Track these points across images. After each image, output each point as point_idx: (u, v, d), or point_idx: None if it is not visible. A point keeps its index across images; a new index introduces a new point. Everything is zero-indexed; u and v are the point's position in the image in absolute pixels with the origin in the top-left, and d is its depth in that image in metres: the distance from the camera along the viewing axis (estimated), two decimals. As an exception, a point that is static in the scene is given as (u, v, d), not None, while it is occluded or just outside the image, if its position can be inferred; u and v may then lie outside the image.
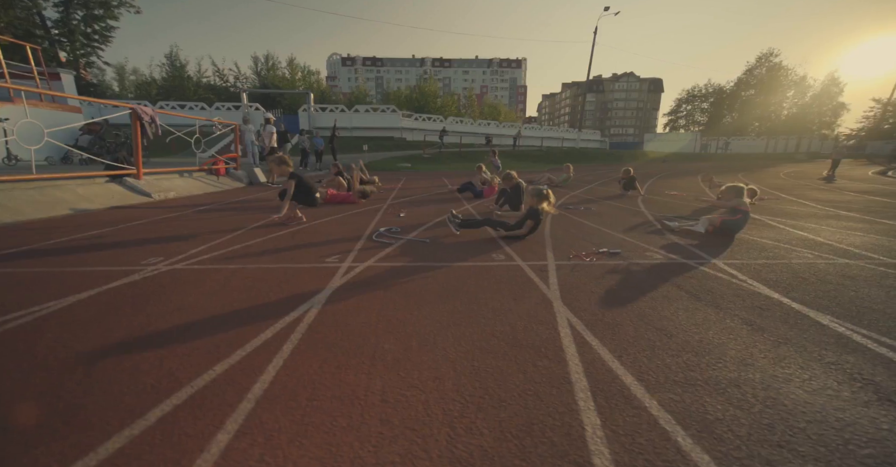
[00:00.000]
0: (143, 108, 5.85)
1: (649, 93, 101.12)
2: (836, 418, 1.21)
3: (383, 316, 1.89)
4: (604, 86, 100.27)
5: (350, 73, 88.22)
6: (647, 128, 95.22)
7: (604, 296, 2.22)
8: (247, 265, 2.68)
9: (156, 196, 5.77)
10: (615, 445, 1.07)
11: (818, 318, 1.94)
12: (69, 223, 4.20)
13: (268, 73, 37.96)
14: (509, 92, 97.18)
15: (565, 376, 1.40)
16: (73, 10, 29.90)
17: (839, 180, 11.34)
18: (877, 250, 3.30)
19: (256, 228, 4.04)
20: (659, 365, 1.49)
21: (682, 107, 58.86)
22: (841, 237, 3.83)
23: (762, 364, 1.51)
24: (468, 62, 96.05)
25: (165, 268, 2.57)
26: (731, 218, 3.84)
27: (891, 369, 1.49)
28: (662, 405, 1.25)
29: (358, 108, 27.09)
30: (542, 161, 22.45)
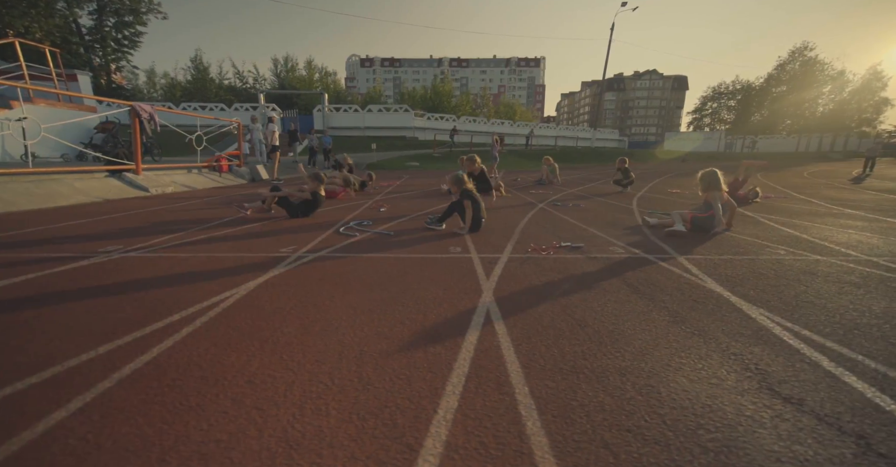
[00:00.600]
0: (142, 105, 6.12)
1: (673, 90, 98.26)
2: (702, 405, 1.16)
3: (302, 302, 1.91)
4: (625, 84, 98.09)
5: (368, 74, 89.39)
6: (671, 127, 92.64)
7: (540, 287, 2.18)
8: (199, 253, 2.77)
9: (153, 190, 6.01)
10: (457, 428, 1.06)
11: (749, 312, 1.85)
12: (54, 214, 4.42)
13: (287, 74, 38.91)
14: (527, 91, 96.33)
15: (449, 362, 1.39)
16: (106, 18, 31.45)
17: (872, 180, 10.69)
18: (857, 247, 3.12)
19: (232, 221, 4.16)
20: (554, 353, 1.46)
21: (707, 104, 56.87)
22: (828, 234, 3.63)
23: (661, 354, 1.46)
24: (485, 62, 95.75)
25: (118, 256, 2.68)
26: (701, 214, 3.67)
27: (790, 360, 1.41)
28: (532, 391, 1.22)
29: (371, 107, 27.43)
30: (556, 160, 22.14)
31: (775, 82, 47.53)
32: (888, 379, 1.30)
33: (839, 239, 3.45)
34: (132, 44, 32.30)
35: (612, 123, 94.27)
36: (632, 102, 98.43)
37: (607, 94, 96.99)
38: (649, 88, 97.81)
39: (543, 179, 9.17)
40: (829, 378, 1.32)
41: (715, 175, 3.73)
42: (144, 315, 1.73)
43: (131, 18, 31.78)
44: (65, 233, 3.51)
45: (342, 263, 2.62)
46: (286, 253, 2.86)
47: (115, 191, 5.64)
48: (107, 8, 30.95)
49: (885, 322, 1.74)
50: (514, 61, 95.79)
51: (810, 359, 1.43)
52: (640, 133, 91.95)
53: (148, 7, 32.03)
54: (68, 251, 2.84)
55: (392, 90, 78.20)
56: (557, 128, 37.55)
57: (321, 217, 4.48)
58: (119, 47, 32.14)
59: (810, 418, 1.11)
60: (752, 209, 5.33)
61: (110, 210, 4.79)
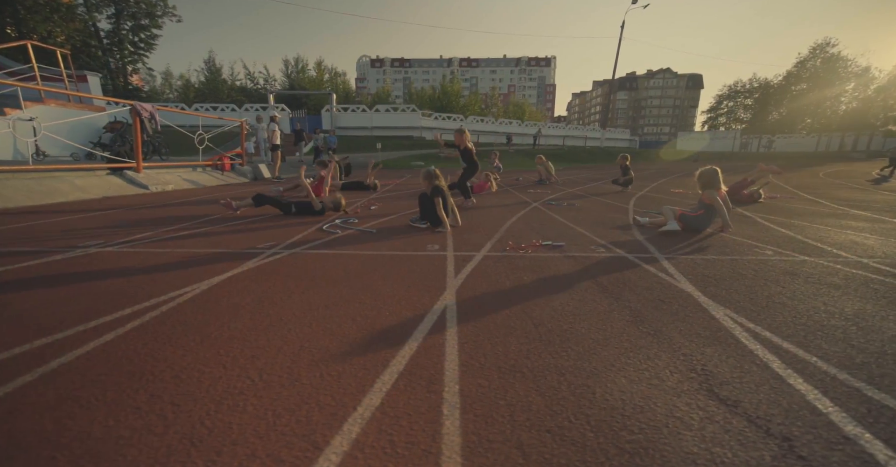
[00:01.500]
0: (143, 104, 6.25)
1: (687, 89, 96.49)
2: (633, 406, 1.13)
3: (259, 298, 1.92)
4: (637, 83, 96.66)
5: (379, 75, 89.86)
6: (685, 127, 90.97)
7: (506, 286, 2.16)
8: (175, 249, 2.81)
9: (153, 188, 6.14)
10: (371, 426, 1.04)
11: (714, 312, 1.80)
12: (49, 210, 4.53)
13: (297, 75, 39.38)
14: (537, 91, 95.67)
15: (387, 360, 1.37)
16: (123, 21, 32.29)
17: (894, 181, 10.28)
18: (850, 248, 3.01)
19: (221, 217, 4.21)
20: (498, 352, 1.44)
21: (722, 103, 55.63)
22: (823, 235, 3.51)
23: (608, 354, 1.43)
24: (495, 61, 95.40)
25: (94, 250, 2.74)
26: (692, 214, 3.57)
27: (740, 362, 1.36)
28: (462, 390, 1.20)
29: (378, 107, 27.55)
30: (562, 160, 21.97)
31: (795, 80, 46.06)
32: (835, 382, 1.25)
33: (834, 239, 3.34)
34: (148, 46, 33.08)
35: (623, 123, 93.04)
36: (644, 101, 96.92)
37: (619, 93, 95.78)
38: (663, 87, 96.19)
39: (543, 179, 9.10)
40: (775, 379, 1.27)
41: (714, 173, 3.61)
42: (96, 308, 1.75)
43: (147, 22, 32.56)
44: (51, 228, 3.59)
45: (315, 259, 2.63)
46: (262, 248, 2.88)
47: (115, 189, 5.78)
48: (124, 12, 31.79)
49: (854, 324, 1.67)
50: (524, 61, 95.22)
51: (761, 361, 1.38)
52: (653, 133, 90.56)
53: (163, 10, 32.80)
54: (47, 246, 2.90)
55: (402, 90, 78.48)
56: (566, 127, 37.19)
57: (310, 215, 4.51)
58: (135, 50, 32.96)
59: (741, 420, 1.07)
60: (752, 209, 5.19)
61: (105, 207, 4.90)
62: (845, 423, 1.06)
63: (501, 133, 29.63)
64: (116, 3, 31.19)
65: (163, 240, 3.14)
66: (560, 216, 4.60)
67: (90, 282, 2.13)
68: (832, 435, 1.02)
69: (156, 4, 32.25)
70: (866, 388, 1.22)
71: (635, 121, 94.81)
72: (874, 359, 1.39)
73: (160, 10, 32.60)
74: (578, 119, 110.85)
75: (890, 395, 1.18)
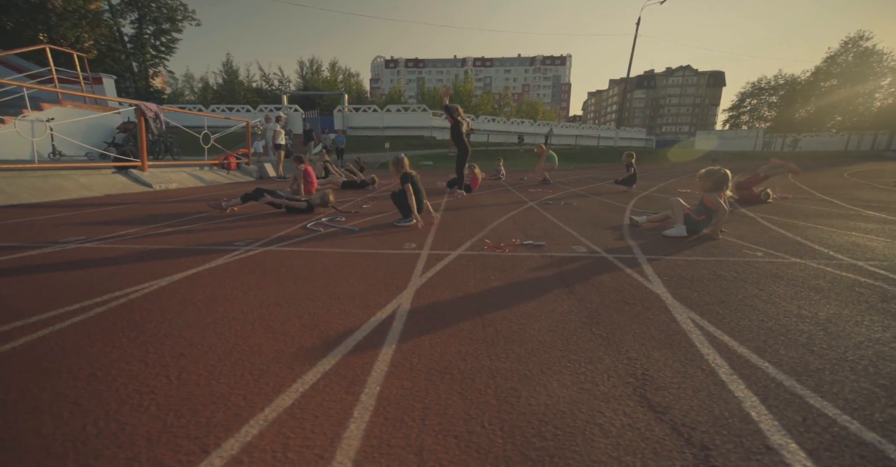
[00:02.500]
0: (148, 104, 6.43)
1: (708, 87, 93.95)
2: (556, 411, 1.08)
3: (214, 294, 1.92)
4: (656, 81, 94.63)
5: (393, 75, 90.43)
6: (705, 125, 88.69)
7: (470, 285, 2.11)
8: (152, 245, 2.86)
9: (156, 186, 6.31)
10: (272, 428, 0.99)
11: (677, 315, 1.72)
12: (48, 207, 4.67)
13: (312, 76, 40.02)
14: (552, 90, 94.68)
15: (316, 359, 1.33)
16: (146, 26, 33.36)
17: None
18: (848, 250, 2.85)
19: (211, 214, 4.28)
20: (436, 353, 1.41)
21: (745, 101, 53.82)
22: (824, 237, 3.34)
23: (550, 356, 1.38)
24: (509, 61, 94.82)
25: (73, 246, 2.81)
26: (696, 217, 3.39)
27: (686, 366, 1.30)
28: (382, 392, 1.16)
29: (390, 107, 27.72)
30: (574, 160, 21.68)
31: (824, 76, 44.18)
32: (779, 389, 1.17)
33: (834, 241, 3.17)
34: (168, 50, 34.09)
35: (640, 122, 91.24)
36: (663, 100, 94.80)
37: (636, 91, 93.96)
38: (682, 85, 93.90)
39: (548, 179, 8.99)
40: (716, 385, 1.20)
41: (724, 176, 3.36)
42: (45, 303, 1.77)
43: (168, 26, 33.58)
44: (43, 224, 3.70)
45: (287, 256, 2.64)
46: (238, 245, 2.91)
47: (119, 187, 5.95)
48: (146, 17, 32.84)
49: (823, 329, 1.57)
50: (538, 60, 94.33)
51: (708, 366, 1.31)
52: (671, 132, 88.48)
53: (183, 15, 33.78)
54: (30, 241, 2.97)
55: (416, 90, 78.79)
56: (580, 126, 36.66)
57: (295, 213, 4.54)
58: (156, 53, 34.00)
59: (664, 428, 1.01)
60: (757, 209, 4.99)
61: (103, 203, 5.05)
62: (773, 432, 0.99)
63: (513, 133, 29.43)
64: (140, 8, 32.26)
65: (145, 236, 3.21)
66: (553, 215, 4.52)
67: (50, 278, 2.16)
68: (755, 444, 0.95)
69: (176, 9, 33.22)
70: (810, 396, 1.14)
71: (653, 120, 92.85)
72: (830, 366, 1.30)
73: (180, 14, 33.58)
74: (594, 118, 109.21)
75: (832, 403, 1.10)
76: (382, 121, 26.98)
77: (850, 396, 1.14)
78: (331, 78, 39.38)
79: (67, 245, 2.84)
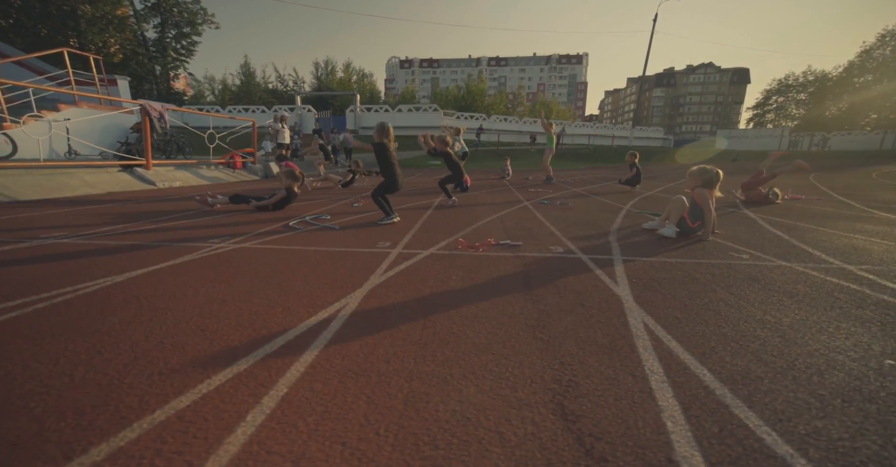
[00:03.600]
0: (152, 104, 6.60)
1: (731, 85, 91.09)
2: (463, 417, 1.03)
3: (163, 291, 1.91)
4: (676, 79, 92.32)
5: (407, 75, 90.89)
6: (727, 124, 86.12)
7: (427, 285, 2.07)
8: (129, 241, 2.91)
9: (160, 184, 6.47)
10: (152, 433, 0.96)
11: (631, 319, 1.64)
12: (47, 204, 4.80)
13: (327, 77, 40.56)
14: (568, 89, 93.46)
15: (231, 361, 1.30)
16: (168, 30, 34.43)
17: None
18: (844, 254, 2.69)
19: (200, 212, 4.35)
20: (361, 354, 1.37)
21: (771, 99, 51.87)
22: (823, 239, 3.17)
23: (479, 360, 1.32)
24: (525, 60, 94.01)
25: (49, 242, 2.87)
26: (692, 224, 3.21)
27: (618, 373, 1.23)
28: (288, 394, 1.11)
29: (401, 107, 27.84)
30: (585, 160, 21.34)
31: (858, 71, 42.11)
32: (708, 398, 1.09)
33: (831, 244, 3.00)
34: (188, 53, 35.08)
35: (660, 121, 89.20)
36: (683, 98, 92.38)
37: (655, 90, 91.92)
38: (703, 83, 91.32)
39: (551, 177, 8.86)
40: (642, 394, 1.13)
41: (716, 174, 3.23)
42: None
43: (188, 29, 34.58)
44: (32, 220, 3.79)
45: (255, 253, 2.65)
46: (214, 241, 2.94)
47: (123, 185, 6.13)
48: (168, 21, 33.89)
49: (781, 336, 1.47)
50: (554, 58, 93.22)
51: (642, 373, 1.24)
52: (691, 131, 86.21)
53: (203, 19, 34.72)
54: (8, 236, 3.03)
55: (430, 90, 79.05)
56: (594, 126, 36.02)
57: (289, 210, 4.58)
58: (177, 56, 35.05)
59: (568, 437, 0.96)
60: (762, 210, 4.78)
61: (102, 201, 5.18)
62: (682, 444, 0.92)
63: (525, 132, 29.15)
64: (162, 13, 33.31)
65: (126, 233, 3.26)
66: (543, 215, 4.43)
67: (9, 273, 2.16)
68: (657, 457, 0.89)
69: (196, 13, 34.16)
70: (738, 406, 1.06)
71: (672, 118, 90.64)
72: (772, 375, 1.21)
73: (200, 18, 34.53)
74: (611, 118, 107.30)
75: (757, 414, 1.02)
76: (394, 120, 27.09)
77: (780, 407, 1.06)
78: (345, 78, 39.83)
79: (46, 241, 2.91)
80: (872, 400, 1.09)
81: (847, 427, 0.98)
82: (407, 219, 4.10)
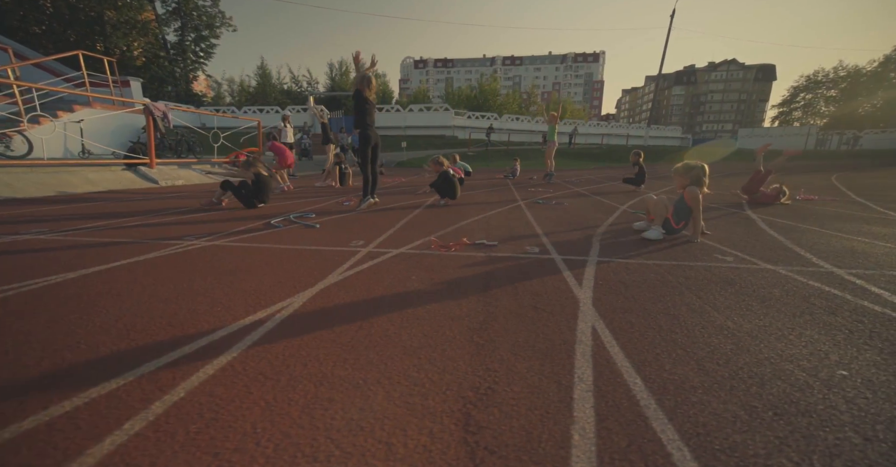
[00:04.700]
0: (156, 104, 6.75)
1: (756, 82, 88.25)
2: (354, 427, 0.97)
3: (109, 290, 1.89)
4: (696, 77, 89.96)
5: (422, 75, 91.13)
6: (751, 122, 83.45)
7: (382, 285, 2.02)
8: (104, 238, 2.94)
9: (162, 183, 6.61)
10: (13, 443, 0.96)
11: (581, 324, 1.55)
12: (44, 201, 4.91)
13: (340, 77, 41.00)
14: (584, 88, 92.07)
15: (136, 364, 1.24)
16: (187, 33, 35.40)
17: None
18: (837, 258, 2.51)
19: (187, 210, 4.40)
20: (278, 358, 1.31)
21: (799, 96, 49.84)
22: (821, 241, 2.99)
23: (403, 364, 1.26)
24: (540, 59, 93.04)
25: (25, 238, 2.91)
26: (676, 226, 3.07)
27: (544, 381, 1.14)
28: (181, 401, 1.05)
29: (412, 107, 27.89)
30: (597, 159, 20.96)
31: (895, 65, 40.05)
32: (631, 410, 1.01)
33: (828, 246, 2.82)
34: (206, 55, 35.99)
35: (679, 120, 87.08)
36: (704, 97, 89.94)
37: (675, 88, 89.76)
38: (726, 80, 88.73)
39: (551, 174, 8.72)
40: (560, 404, 1.05)
41: (703, 170, 3.10)
42: None
43: (207, 32, 35.48)
44: (21, 217, 3.86)
45: (225, 251, 2.63)
46: (188, 239, 2.95)
47: (126, 183, 6.28)
48: (188, 24, 34.84)
49: (735, 343, 1.36)
50: (570, 57, 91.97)
51: (568, 381, 1.15)
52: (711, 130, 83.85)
53: (221, 21, 35.59)
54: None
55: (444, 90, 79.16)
56: (607, 125, 35.33)
57: (277, 208, 4.59)
58: (196, 58, 36.00)
59: (461, 450, 0.88)
60: (767, 210, 4.56)
61: (101, 198, 5.29)
62: (581, 460, 0.84)
63: (537, 132, 28.82)
64: (182, 17, 34.25)
65: (107, 229, 3.29)
66: (533, 215, 4.32)
67: None
68: (541, 480, 0.81)
69: (215, 16, 35.03)
70: (658, 418, 0.97)
71: (692, 117, 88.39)
72: (708, 385, 1.11)
73: (218, 21, 35.39)
74: (628, 117, 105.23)
75: (676, 427, 0.93)
76: (405, 120, 27.18)
77: (704, 419, 0.96)
78: (358, 79, 40.16)
79: (23, 236, 2.97)
80: (807, 413, 0.98)
81: (767, 442, 0.88)
82: (392, 218, 4.06)
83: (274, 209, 4.63)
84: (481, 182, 9.18)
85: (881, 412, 0.99)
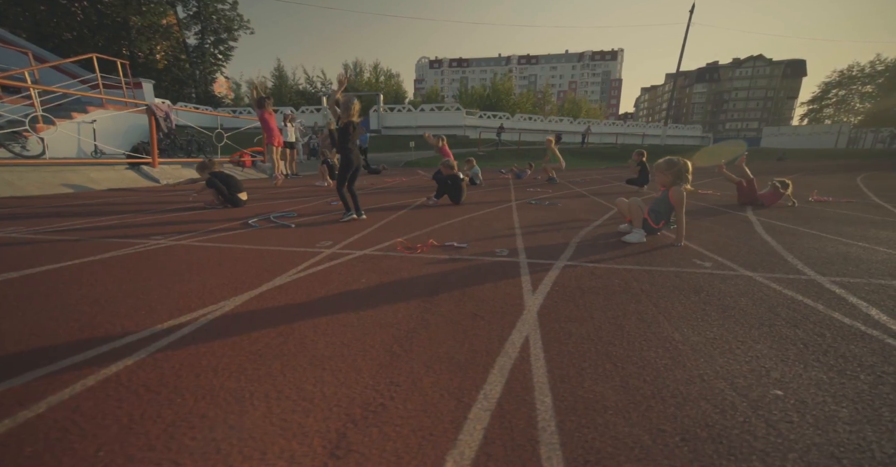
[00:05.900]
0: (159, 104, 6.89)
1: (784, 78, 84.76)
2: (216, 447, 0.89)
3: (51, 290, 1.88)
4: (720, 73, 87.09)
5: (437, 75, 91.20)
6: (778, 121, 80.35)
7: (329, 287, 1.95)
8: (87, 237, 2.96)
9: (163, 182, 6.75)
10: None
11: (515, 334, 1.44)
12: (43, 199, 5.00)
13: (355, 77, 41.39)
14: (601, 87, 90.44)
15: (50, 362, 1.23)
16: (207, 36, 36.37)
17: None
18: (827, 264, 2.32)
19: (173, 208, 4.44)
20: (174, 367, 1.24)
21: (831, 92, 47.39)
22: (818, 246, 2.77)
23: (302, 376, 1.18)
24: (556, 57, 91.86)
25: (5, 235, 2.99)
26: (654, 225, 2.93)
27: (444, 399, 1.05)
28: (48, 412, 1.01)
29: (424, 107, 27.89)
30: (609, 159, 20.50)
31: (941, 57, 37.41)
32: (525, 433, 0.90)
33: (821, 252, 2.61)
34: (225, 58, 36.88)
35: (700, 118, 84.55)
36: (728, 94, 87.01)
37: (696, 85, 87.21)
38: (752, 77, 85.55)
39: (554, 178, 8.52)
40: (451, 424, 0.95)
41: (686, 166, 2.94)
42: None
43: (226, 35, 36.38)
44: (8, 214, 3.94)
45: (187, 250, 2.61)
46: (157, 238, 2.95)
47: (127, 182, 6.42)
48: (208, 28, 35.78)
49: (673, 357, 1.23)
50: (587, 55, 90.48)
51: (471, 398, 1.05)
52: (734, 129, 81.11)
53: (239, 25, 36.43)
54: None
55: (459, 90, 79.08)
56: (623, 124, 34.54)
57: (263, 207, 4.59)
58: (215, 61, 36.94)
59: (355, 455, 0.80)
60: (770, 212, 4.30)
61: (97, 197, 5.40)
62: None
63: (551, 131, 28.42)
64: (202, 21, 35.20)
65: (85, 228, 3.32)
66: (520, 216, 4.19)
67: None
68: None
69: (233, 19, 35.88)
70: (549, 443, 0.87)
71: (714, 116, 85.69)
72: (623, 406, 1.00)
73: (237, 24, 36.24)
74: (647, 115, 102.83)
75: (566, 455, 0.83)
76: (416, 120, 27.22)
77: (600, 445, 0.86)
78: (372, 79, 40.48)
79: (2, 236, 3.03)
80: (718, 439, 0.86)
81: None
82: (373, 218, 4.00)
83: (259, 208, 4.64)
84: (484, 181, 9.04)
85: (800, 439, 0.86)
